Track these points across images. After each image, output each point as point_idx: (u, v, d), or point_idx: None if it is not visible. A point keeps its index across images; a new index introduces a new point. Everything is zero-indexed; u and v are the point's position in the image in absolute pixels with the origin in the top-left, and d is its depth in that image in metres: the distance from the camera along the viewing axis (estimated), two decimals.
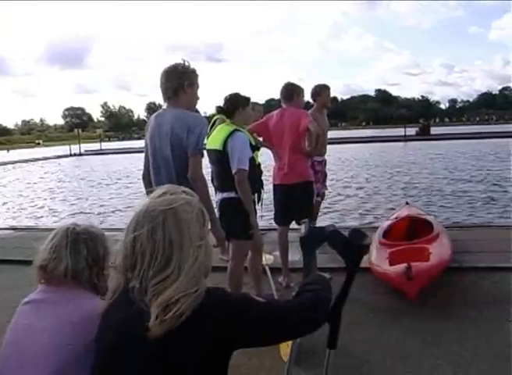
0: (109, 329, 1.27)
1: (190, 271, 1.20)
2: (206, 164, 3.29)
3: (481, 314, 3.71)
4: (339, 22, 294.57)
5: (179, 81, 3.05)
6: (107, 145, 57.50)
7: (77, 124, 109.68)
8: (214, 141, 3.81)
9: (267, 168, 4.95)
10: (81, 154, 45.52)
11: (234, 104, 3.89)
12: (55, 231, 1.70)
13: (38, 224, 10.56)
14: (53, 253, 1.62)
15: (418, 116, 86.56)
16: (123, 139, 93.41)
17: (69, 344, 1.46)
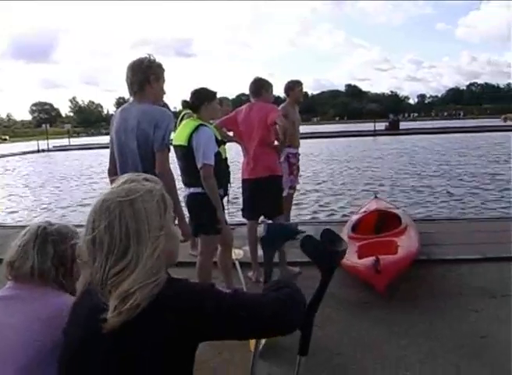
0: (75, 323, 1.27)
1: (148, 261, 1.17)
2: (173, 159, 3.25)
3: (447, 305, 3.79)
4: (308, 18, 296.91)
5: (144, 75, 3.02)
6: (76, 141, 56.57)
7: (45, 120, 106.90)
8: (179, 137, 3.79)
9: (236, 164, 4.94)
10: (49, 150, 44.48)
11: (200, 98, 3.85)
12: (27, 228, 1.67)
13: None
14: (21, 251, 1.60)
15: (388, 111, 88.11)
16: (92, 134, 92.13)
17: (37, 340, 1.45)
